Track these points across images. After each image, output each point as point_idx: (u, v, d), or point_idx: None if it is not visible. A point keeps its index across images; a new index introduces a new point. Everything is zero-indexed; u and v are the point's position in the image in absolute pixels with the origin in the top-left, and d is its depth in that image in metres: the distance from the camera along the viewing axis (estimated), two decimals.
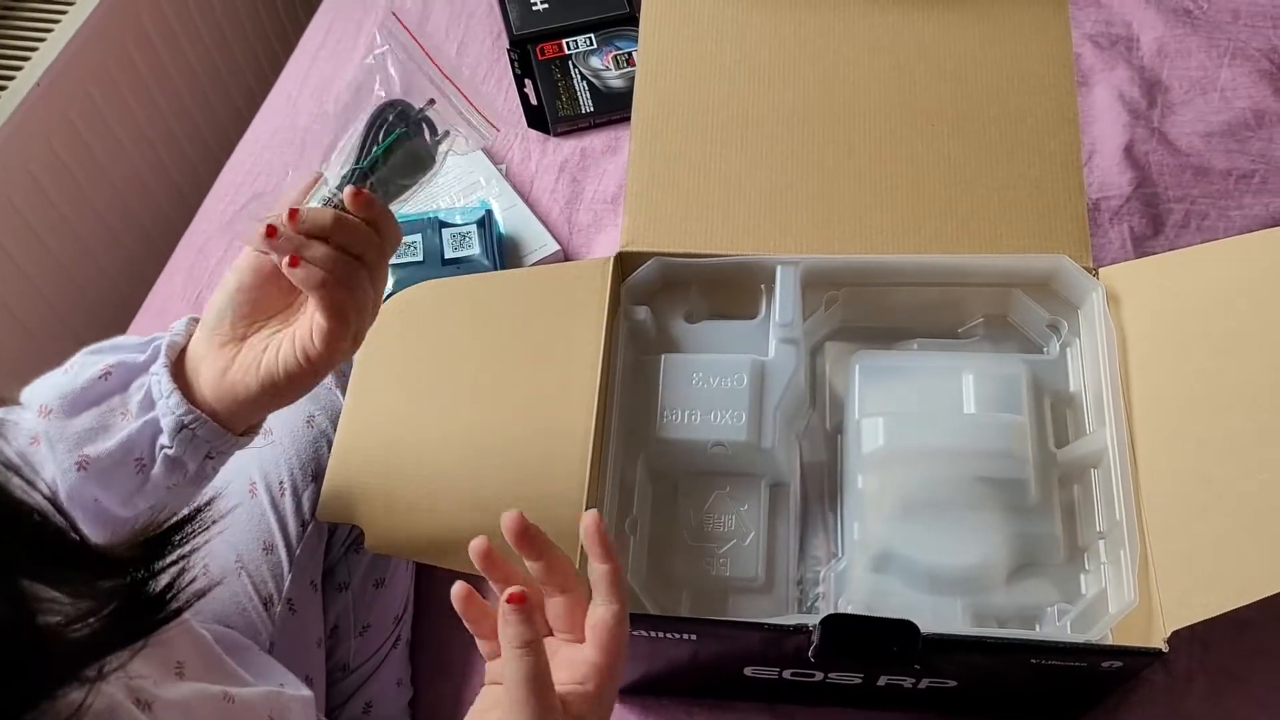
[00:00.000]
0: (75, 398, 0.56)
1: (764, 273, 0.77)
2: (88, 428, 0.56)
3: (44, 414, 0.56)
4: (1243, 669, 0.78)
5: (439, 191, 1.09)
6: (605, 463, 0.69)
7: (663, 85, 0.81)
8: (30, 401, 0.57)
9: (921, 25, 0.82)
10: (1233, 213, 1.04)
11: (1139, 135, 1.09)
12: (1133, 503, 0.66)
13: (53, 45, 1.13)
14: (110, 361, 0.57)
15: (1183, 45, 1.16)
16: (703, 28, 0.83)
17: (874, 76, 0.80)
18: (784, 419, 0.73)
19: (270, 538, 0.75)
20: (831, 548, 0.73)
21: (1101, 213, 1.03)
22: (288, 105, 1.21)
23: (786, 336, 0.74)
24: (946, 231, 0.76)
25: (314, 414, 0.79)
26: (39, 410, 0.56)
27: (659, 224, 0.78)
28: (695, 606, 0.71)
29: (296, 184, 0.57)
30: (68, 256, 1.21)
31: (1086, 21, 1.18)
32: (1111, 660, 0.61)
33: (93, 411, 0.57)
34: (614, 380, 0.73)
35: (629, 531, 0.70)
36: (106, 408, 0.57)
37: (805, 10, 0.83)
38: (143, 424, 0.56)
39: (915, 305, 0.78)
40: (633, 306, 0.76)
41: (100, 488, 0.56)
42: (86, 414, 0.56)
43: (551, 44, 1.20)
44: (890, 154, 0.78)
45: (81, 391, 0.57)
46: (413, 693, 0.84)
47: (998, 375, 0.73)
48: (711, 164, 0.79)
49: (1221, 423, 0.64)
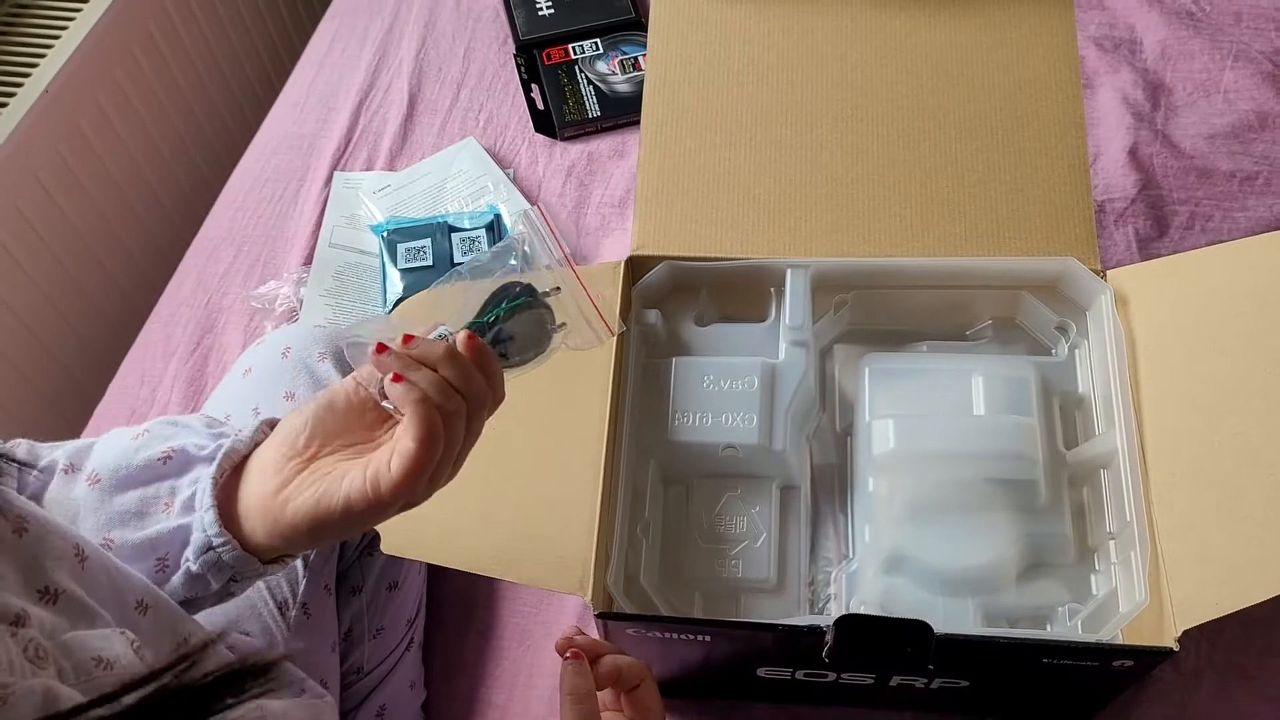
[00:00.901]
0: (126, 475, 0.55)
1: (774, 276, 0.77)
2: (125, 510, 0.54)
3: (92, 482, 0.55)
4: (1252, 666, 0.78)
5: (447, 195, 1.09)
6: (617, 465, 0.70)
7: (672, 90, 0.82)
8: (89, 461, 0.56)
9: (929, 30, 0.82)
10: (1237, 214, 1.04)
11: (1143, 138, 1.09)
12: (1143, 503, 0.66)
13: (60, 52, 1.13)
14: (175, 445, 0.55)
15: (1186, 48, 1.16)
16: (711, 33, 0.83)
17: (882, 81, 0.81)
18: (794, 421, 0.73)
19: None
20: (842, 549, 0.73)
21: (1106, 215, 1.04)
22: (294, 113, 1.22)
23: (796, 339, 0.75)
24: (955, 234, 0.77)
25: None
26: (89, 477, 0.55)
27: (669, 228, 0.78)
28: (707, 608, 0.71)
29: (411, 319, 0.56)
30: (75, 264, 1.21)
31: (1090, 24, 1.19)
32: (1123, 659, 0.62)
33: (136, 493, 0.55)
34: (626, 383, 0.73)
35: (641, 534, 0.71)
36: (153, 493, 0.55)
37: (813, 15, 0.83)
38: (176, 527, 0.54)
39: (924, 308, 0.78)
40: (644, 310, 0.76)
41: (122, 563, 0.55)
42: (130, 494, 0.54)
43: (558, 49, 1.21)
44: (898, 157, 0.79)
45: (136, 470, 0.55)
46: (426, 695, 0.84)
47: (1007, 377, 0.73)
48: (721, 168, 0.80)
49: (1230, 423, 0.65)
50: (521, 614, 0.86)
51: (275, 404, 0.80)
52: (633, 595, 0.68)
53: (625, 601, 0.67)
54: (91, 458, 0.57)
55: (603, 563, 0.66)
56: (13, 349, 1.15)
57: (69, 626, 0.43)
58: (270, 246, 1.10)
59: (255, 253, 1.10)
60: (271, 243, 1.11)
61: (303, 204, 1.13)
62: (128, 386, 1.02)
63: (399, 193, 1.10)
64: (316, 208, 1.12)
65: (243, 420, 0.79)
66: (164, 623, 0.50)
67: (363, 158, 1.16)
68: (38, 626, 0.42)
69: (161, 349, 1.04)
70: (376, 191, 1.10)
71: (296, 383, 0.81)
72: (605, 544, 0.67)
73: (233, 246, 1.11)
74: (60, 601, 0.44)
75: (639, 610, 0.68)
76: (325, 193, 1.12)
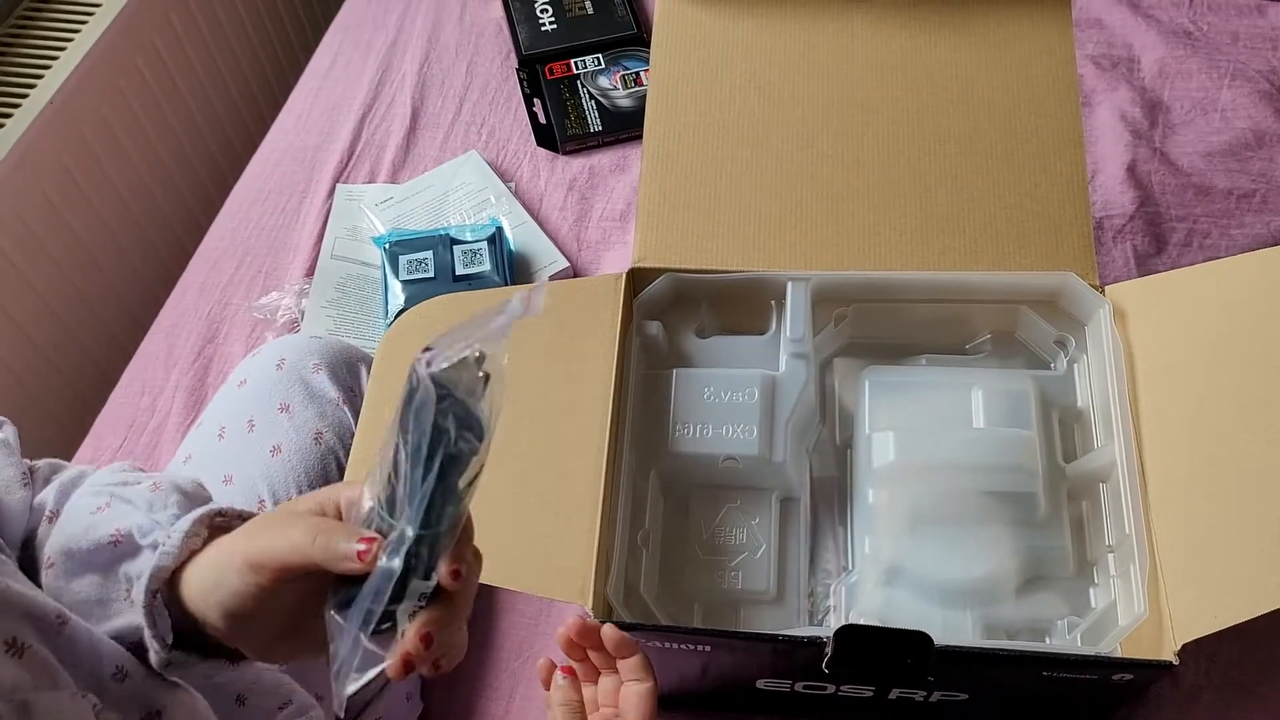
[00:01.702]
0: (81, 558, 0.53)
1: (775, 289, 0.78)
2: (87, 598, 0.53)
3: (47, 567, 0.54)
4: (1251, 681, 0.78)
5: (449, 208, 1.10)
6: (618, 476, 0.70)
7: (674, 103, 0.82)
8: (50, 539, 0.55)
9: (929, 48, 0.83)
10: (1234, 231, 1.05)
11: (1141, 155, 1.10)
12: (1142, 516, 0.66)
13: (65, 64, 1.14)
14: (122, 528, 0.53)
15: (1183, 66, 1.17)
16: (713, 48, 0.84)
17: (883, 97, 0.81)
18: (795, 433, 0.74)
19: None
20: (841, 561, 0.74)
21: (1105, 231, 1.04)
22: (298, 125, 1.22)
23: (797, 352, 0.75)
24: (954, 249, 0.77)
25: (322, 431, 0.80)
26: (46, 562, 0.54)
27: (670, 240, 0.79)
28: (707, 618, 0.71)
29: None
30: (78, 274, 1.21)
31: (1089, 43, 1.20)
32: (1122, 673, 0.62)
33: (93, 579, 0.53)
34: (626, 394, 0.73)
35: (641, 544, 0.71)
36: (109, 580, 0.53)
37: (815, 32, 0.84)
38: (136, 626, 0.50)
39: (924, 321, 0.79)
40: (645, 322, 0.77)
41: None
42: (88, 578, 0.53)
43: (560, 64, 1.22)
44: (899, 172, 0.79)
45: (88, 554, 0.53)
46: (423, 707, 0.84)
47: (1006, 391, 0.73)
48: (722, 182, 0.80)
49: (1229, 437, 0.65)
50: (520, 626, 0.86)
51: (270, 415, 0.80)
52: (632, 605, 0.68)
53: (625, 611, 0.67)
54: (53, 535, 0.55)
55: (603, 572, 0.66)
56: (15, 358, 1.15)
57: (31, 684, 0.43)
58: (273, 258, 1.11)
59: (258, 264, 1.11)
60: (274, 254, 1.11)
61: (305, 216, 1.13)
62: (129, 396, 1.02)
63: (401, 205, 1.11)
64: (319, 219, 1.12)
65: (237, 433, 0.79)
66: (139, 692, 0.49)
67: (365, 170, 1.17)
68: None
69: (163, 359, 1.04)
70: (379, 204, 1.11)
71: (291, 394, 0.81)
72: (605, 553, 0.67)
73: (235, 257, 1.11)
74: (26, 657, 0.43)
75: (639, 620, 0.68)
76: (328, 205, 1.13)
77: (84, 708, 0.45)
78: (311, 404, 0.80)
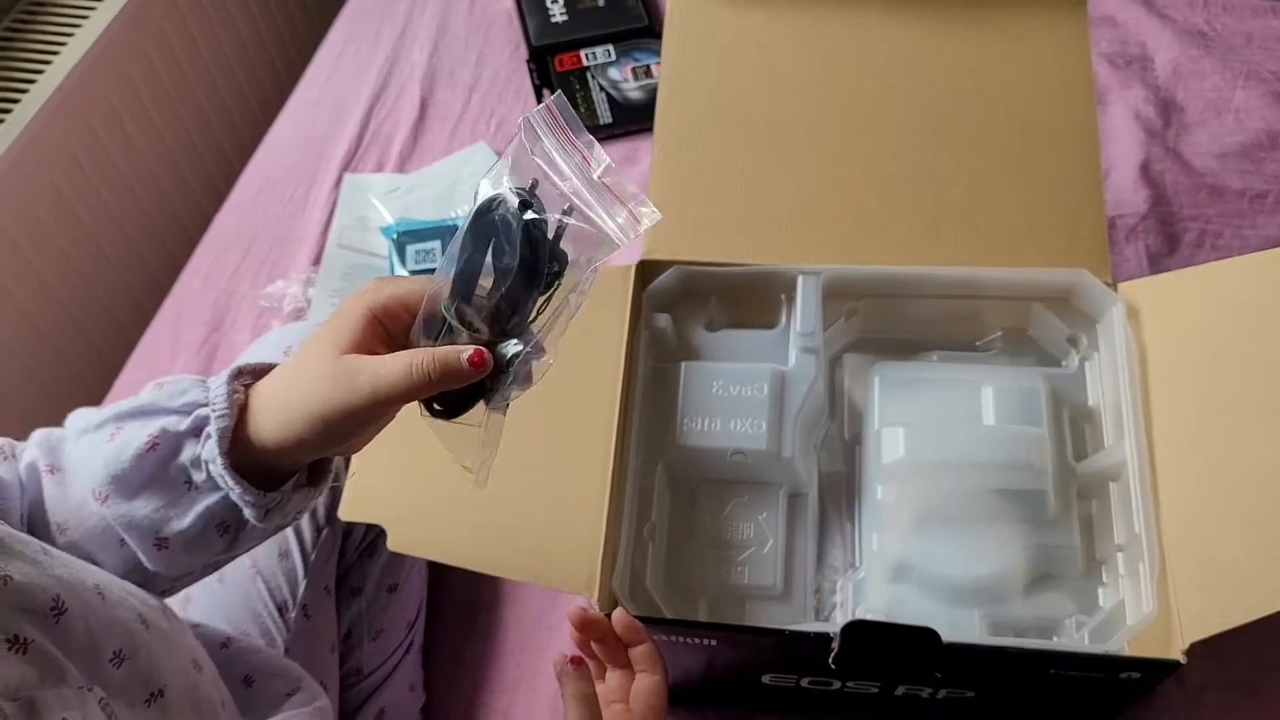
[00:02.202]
0: (127, 476, 0.54)
1: (785, 282, 0.77)
2: (156, 508, 0.54)
3: (100, 499, 0.54)
4: (1257, 682, 0.78)
5: (457, 199, 1.10)
6: (625, 469, 0.70)
7: (686, 97, 0.82)
8: (69, 465, 0.56)
9: (944, 41, 0.82)
10: (1246, 232, 1.04)
11: (1154, 154, 1.09)
12: (1152, 516, 0.66)
13: (73, 51, 1.14)
14: (153, 431, 0.54)
15: (1197, 67, 1.16)
16: (726, 40, 0.84)
17: (897, 91, 0.81)
18: (803, 428, 0.73)
19: (285, 544, 0.75)
20: (849, 557, 0.73)
21: (1118, 231, 1.04)
22: (305, 114, 1.22)
23: (807, 346, 0.74)
24: (967, 245, 0.77)
25: None
26: (95, 495, 0.54)
27: (680, 233, 0.78)
28: (713, 613, 0.71)
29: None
30: (85, 262, 1.21)
31: (1102, 41, 1.19)
32: (1130, 672, 0.61)
33: (152, 488, 0.55)
34: (635, 387, 0.73)
35: (648, 538, 0.70)
36: (167, 482, 0.55)
37: (829, 25, 0.83)
38: (221, 501, 0.55)
39: (935, 317, 0.78)
40: (654, 314, 0.76)
41: (187, 555, 0.56)
42: (147, 494, 0.55)
43: (570, 55, 1.21)
44: (912, 167, 0.79)
45: (132, 469, 0.54)
46: (425, 698, 0.84)
47: (1017, 388, 0.73)
48: (733, 174, 0.80)
49: (1240, 437, 0.65)
50: (524, 619, 0.86)
51: None
52: (637, 599, 0.68)
53: (630, 604, 0.67)
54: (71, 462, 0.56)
55: (609, 564, 0.66)
56: (21, 346, 1.15)
57: (38, 680, 0.43)
58: (279, 246, 1.11)
59: (264, 252, 1.10)
60: (280, 243, 1.11)
61: (312, 205, 1.13)
62: (134, 383, 1.02)
63: (408, 195, 1.11)
64: (326, 208, 1.12)
65: None
66: (139, 674, 0.49)
67: (373, 160, 1.16)
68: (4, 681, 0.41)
69: (169, 347, 1.04)
70: (386, 193, 1.11)
71: None
72: (612, 546, 0.66)
73: (242, 246, 1.11)
74: (30, 652, 0.43)
75: (644, 614, 0.67)
76: (335, 194, 1.13)
77: (90, 701, 0.45)
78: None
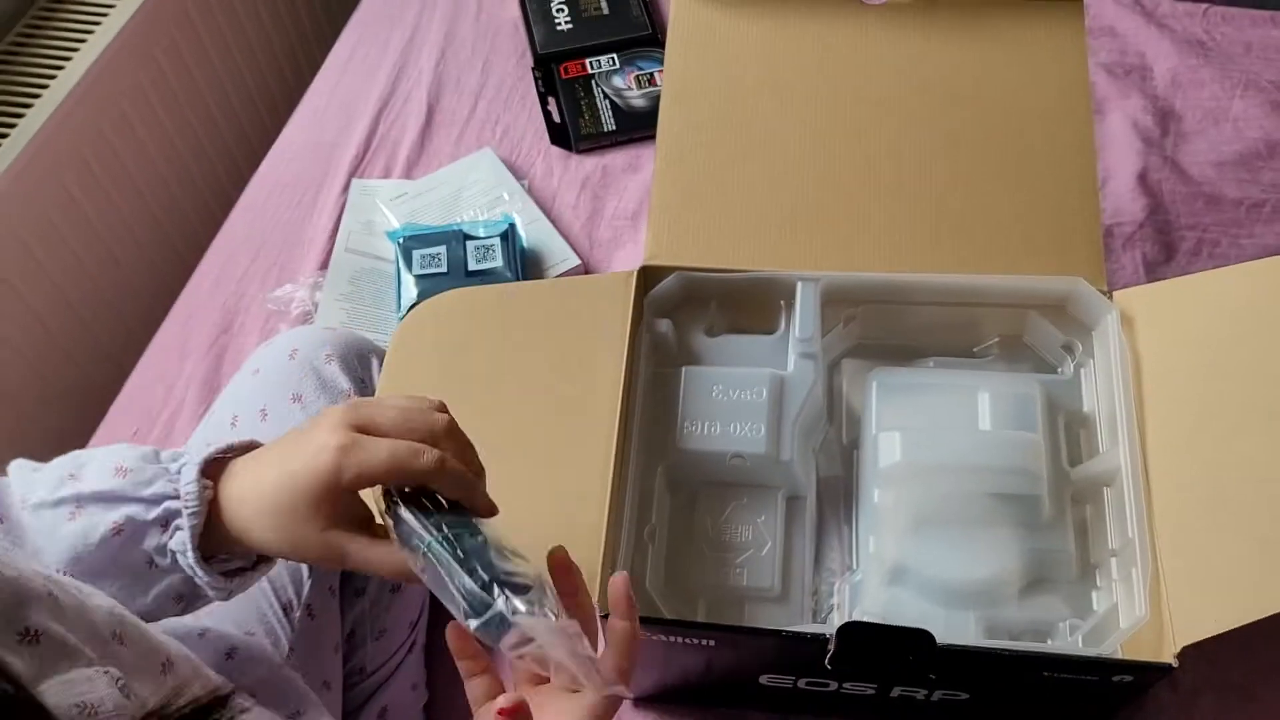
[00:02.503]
0: (91, 560, 0.55)
1: (784, 289, 0.78)
2: (117, 589, 0.55)
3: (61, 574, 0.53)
4: (1250, 684, 0.79)
5: (463, 204, 1.11)
6: (626, 472, 0.71)
7: (688, 104, 0.83)
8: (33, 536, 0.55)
9: (943, 50, 0.83)
10: (1244, 241, 1.05)
11: (1152, 163, 1.10)
12: (1145, 521, 0.67)
13: (85, 56, 1.15)
14: (117, 519, 0.55)
15: (1196, 76, 1.17)
16: (728, 49, 0.85)
17: (896, 99, 0.82)
18: (802, 432, 0.74)
19: None
20: (846, 560, 0.74)
21: (1114, 238, 1.04)
22: (314, 119, 1.24)
23: (805, 351, 0.76)
24: (964, 252, 0.78)
25: None
26: (58, 570, 0.54)
27: (682, 239, 0.79)
28: (711, 615, 0.72)
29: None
30: (95, 265, 1.23)
31: (1101, 50, 1.20)
32: (1122, 675, 0.62)
33: (115, 574, 0.55)
34: (635, 391, 0.74)
35: (648, 540, 0.71)
36: (130, 566, 0.56)
37: (830, 33, 0.84)
38: (182, 579, 0.56)
39: (932, 324, 0.79)
40: (655, 319, 0.77)
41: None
42: (110, 578, 0.55)
43: (575, 63, 1.22)
44: (910, 175, 0.80)
45: (97, 553, 0.55)
46: (428, 697, 0.85)
47: (1013, 394, 0.74)
48: (734, 182, 0.81)
49: (1233, 443, 0.66)
50: None
51: (282, 405, 0.80)
52: (637, 599, 0.69)
53: None
54: (23, 525, 0.55)
55: (609, 566, 0.67)
56: (31, 348, 1.16)
57: (50, 670, 0.43)
58: (287, 250, 1.12)
59: (272, 256, 1.12)
60: (289, 247, 1.12)
61: (320, 209, 1.14)
62: (144, 385, 1.03)
63: (415, 200, 1.12)
64: (334, 213, 1.13)
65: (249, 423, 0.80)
66: (143, 650, 0.50)
67: (380, 165, 1.18)
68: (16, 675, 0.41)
69: (178, 349, 1.05)
70: (393, 199, 1.12)
71: (304, 385, 0.82)
72: (612, 548, 0.67)
73: (251, 250, 1.12)
74: (42, 642, 0.43)
75: (644, 614, 0.68)
76: (343, 199, 1.14)
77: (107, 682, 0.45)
78: (324, 394, 0.81)
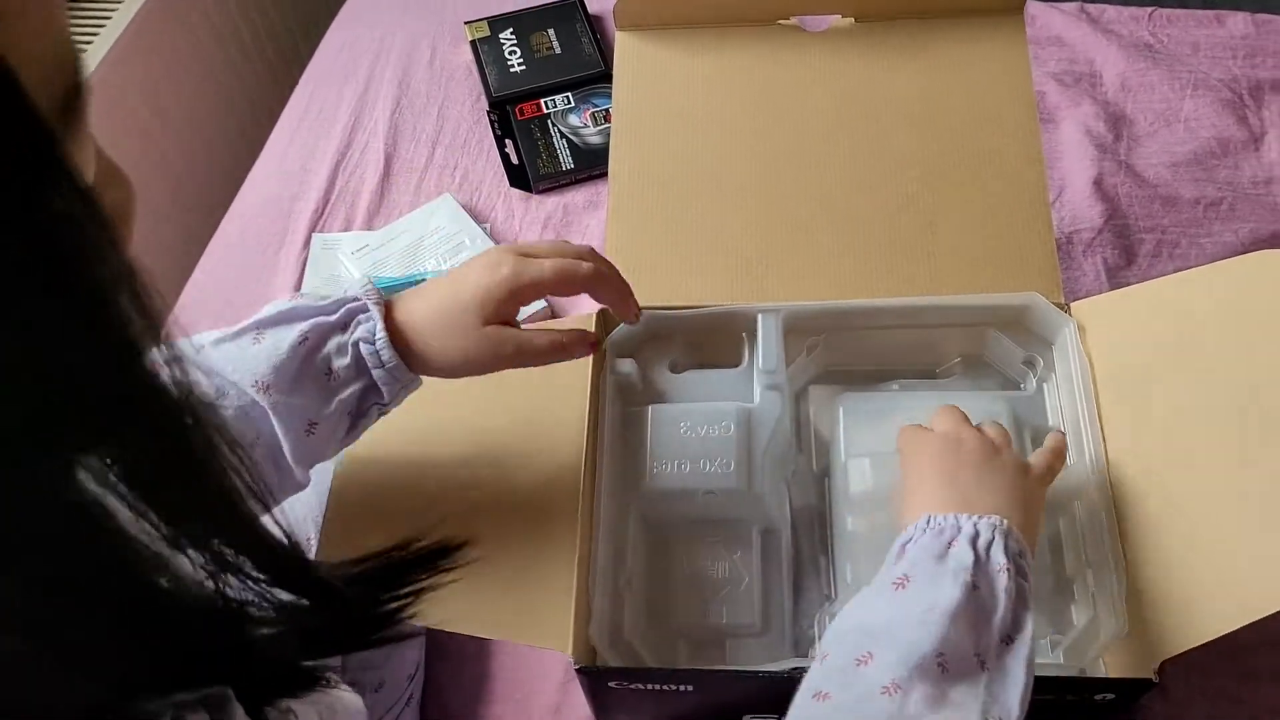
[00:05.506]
0: (286, 367, 0.58)
1: (745, 322, 0.78)
2: (313, 398, 0.59)
3: (262, 389, 0.58)
4: (1241, 692, 0.79)
5: (425, 253, 1.11)
6: (597, 517, 0.70)
7: (638, 140, 0.83)
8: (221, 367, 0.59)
9: (886, 74, 0.84)
10: (1203, 240, 1.06)
11: (1107, 168, 1.11)
12: (1116, 532, 0.67)
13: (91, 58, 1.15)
14: (303, 328, 0.60)
15: (1145, 79, 1.19)
16: (674, 84, 0.85)
17: (842, 125, 0.82)
18: (772, 464, 0.74)
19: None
20: (824, 589, 0.74)
21: (1074, 246, 1.05)
22: (272, 176, 1.23)
23: (771, 383, 0.75)
24: (921, 274, 0.78)
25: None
26: (255, 385, 0.58)
27: (640, 278, 0.78)
28: (694, 655, 0.71)
29: None
30: None
31: (1050, 60, 1.21)
32: (1104, 693, 0.62)
33: (307, 379, 0.59)
34: (602, 434, 0.74)
35: (624, 588, 0.71)
36: (315, 373, 0.60)
37: (773, 65, 0.85)
38: (352, 393, 0.60)
39: (894, 347, 0.79)
40: (618, 360, 0.77)
41: (322, 445, 0.61)
42: (304, 383, 0.59)
43: (530, 104, 1.23)
44: (862, 200, 0.80)
45: (289, 359, 0.59)
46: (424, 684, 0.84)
47: (979, 412, 0.73)
48: (688, 217, 0.81)
49: (1197, 448, 0.66)
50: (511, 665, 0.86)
51: None
52: (618, 647, 0.68)
53: (611, 654, 0.67)
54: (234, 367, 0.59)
55: (583, 616, 0.66)
56: None
57: None
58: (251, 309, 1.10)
59: (236, 315, 1.09)
60: (252, 305, 1.10)
61: (283, 265, 1.14)
62: None
63: (377, 252, 1.11)
64: (296, 269, 1.13)
65: None
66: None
67: (341, 218, 1.17)
68: None
69: None
70: (355, 251, 1.12)
71: None
72: (586, 597, 0.67)
73: (214, 310, 1.12)
74: None
75: (625, 663, 0.68)
76: (304, 254, 1.14)
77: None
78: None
